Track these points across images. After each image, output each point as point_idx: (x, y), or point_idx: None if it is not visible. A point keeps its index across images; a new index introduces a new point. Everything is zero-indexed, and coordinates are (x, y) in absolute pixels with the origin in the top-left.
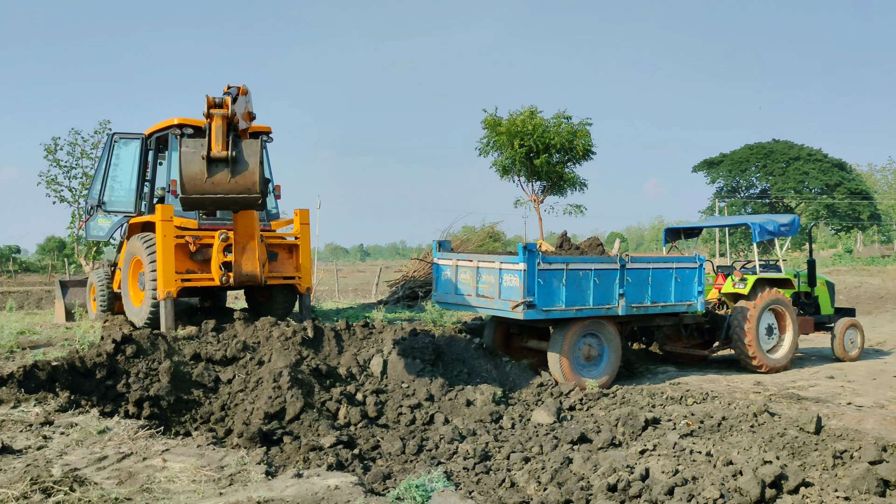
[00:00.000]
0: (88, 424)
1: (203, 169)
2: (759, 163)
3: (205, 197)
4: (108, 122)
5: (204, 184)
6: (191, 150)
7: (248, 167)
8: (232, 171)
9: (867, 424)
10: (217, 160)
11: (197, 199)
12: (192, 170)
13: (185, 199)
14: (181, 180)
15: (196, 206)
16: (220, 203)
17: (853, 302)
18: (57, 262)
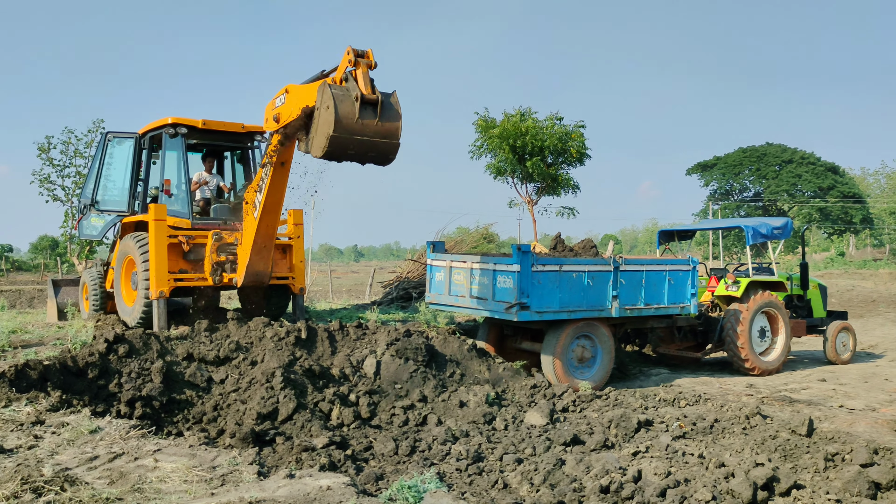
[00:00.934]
0: (80, 424)
1: (355, 110)
2: (753, 166)
3: (353, 138)
4: (101, 121)
5: (354, 124)
6: (342, 92)
7: (394, 114)
8: (379, 115)
9: (859, 427)
10: (367, 103)
11: (346, 139)
12: (345, 109)
13: (336, 138)
14: (336, 118)
15: (344, 146)
16: (364, 146)
17: (845, 305)
18: (49, 261)
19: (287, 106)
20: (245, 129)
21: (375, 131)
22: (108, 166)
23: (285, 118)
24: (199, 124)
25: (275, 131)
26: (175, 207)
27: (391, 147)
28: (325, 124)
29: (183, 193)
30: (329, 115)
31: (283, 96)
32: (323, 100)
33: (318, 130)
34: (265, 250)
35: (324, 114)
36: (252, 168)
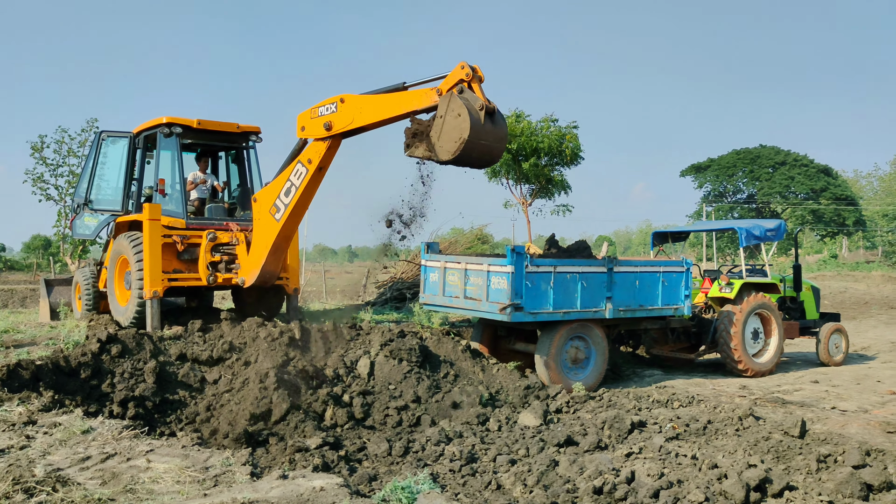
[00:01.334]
0: (72, 424)
1: (481, 117)
2: (746, 168)
3: (479, 142)
4: (95, 120)
5: (481, 130)
6: (471, 101)
7: (503, 121)
8: (494, 122)
9: (851, 429)
10: (489, 111)
11: (474, 144)
12: (475, 116)
13: (469, 142)
14: (470, 124)
15: (471, 150)
16: (484, 150)
17: (838, 307)
18: (42, 260)
19: (344, 114)
20: (240, 129)
21: (494, 136)
22: (101, 165)
23: (341, 126)
24: (194, 124)
25: (323, 138)
26: (169, 207)
27: (501, 150)
28: (457, 129)
29: (177, 193)
30: (462, 121)
31: (335, 105)
32: (451, 108)
33: (446, 136)
34: (281, 251)
35: (453, 120)
36: (247, 168)
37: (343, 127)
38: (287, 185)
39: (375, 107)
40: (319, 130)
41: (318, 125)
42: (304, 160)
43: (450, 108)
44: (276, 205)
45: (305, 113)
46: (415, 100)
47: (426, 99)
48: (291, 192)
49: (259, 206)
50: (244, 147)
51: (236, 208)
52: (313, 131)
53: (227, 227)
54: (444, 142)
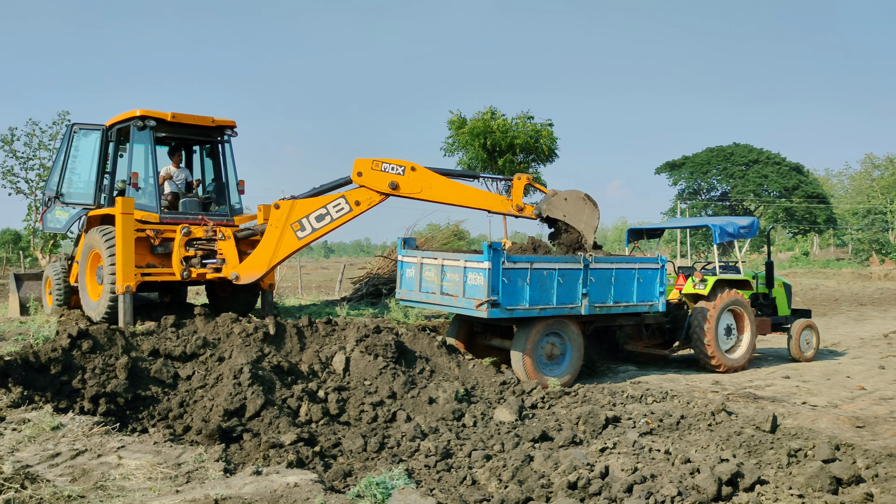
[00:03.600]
0: (42, 421)
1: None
2: (720, 165)
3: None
4: (67, 112)
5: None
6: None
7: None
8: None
9: (821, 424)
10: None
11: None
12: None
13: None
14: (598, 216)
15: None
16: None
17: (809, 304)
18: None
19: (414, 183)
20: (215, 123)
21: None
22: (73, 158)
23: (408, 192)
24: (168, 117)
25: (383, 193)
26: (143, 201)
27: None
28: (594, 219)
29: (151, 187)
30: (596, 213)
31: (403, 169)
32: (589, 205)
33: (589, 225)
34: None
35: (592, 212)
36: (222, 163)
37: (410, 193)
38: (322, 211)
39: (449, 191)
40: (382, 185)
41: (381, 180)
42: (350, 200)
43: (589, 205)
44: (304, 224)
45: (366, 161)
46: (492, 203)
47: (503, 207)
48: (324, 220)
49: (279, 214)
50: (219, 141)
51: (211, 203)
52: (374, 183)
53: (202, 222)
54: (588, 229)
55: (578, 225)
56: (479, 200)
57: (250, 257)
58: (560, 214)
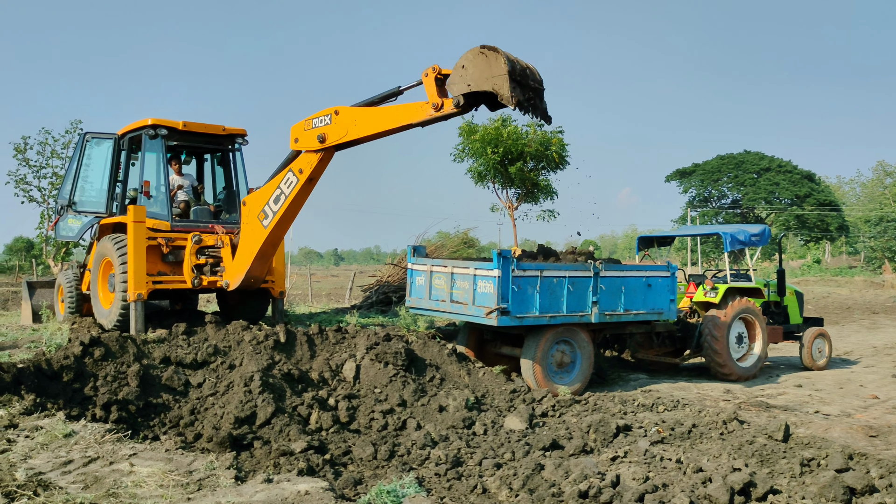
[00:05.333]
0: (54, 428)
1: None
2: (731, 173)
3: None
4: (79, 121)
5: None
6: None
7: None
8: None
9: (834, 433)
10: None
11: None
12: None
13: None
14: (507, 68)
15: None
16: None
17: (821, 312)
18: (24, 262)
19: (339, 127)
20: (226, 132)
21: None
22: (86, 167)
23: (335, 139)
24: (180, 126)
25: (316, 150)
26: (154, 209)
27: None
28: (500, 67)
29: (162, 195)
30: (500, 60)
31: (329, 117)
32: (489, 56)
33: (498, 79)
34: (267, 256)
35: (495, 61)
36: (233, 171)
37: (337, 140)
38: (277, 192)
39: (370, 120)
40: (313, 142)
41: (311, 137)
42: (295, 170)
43: (502, 60)
44: (265, 211)
45: (299, 124)
46: (411, 114)
47: (422, 112)
48: (280, 200)
49: (247, 210)
50: (230, 149)
51: (222, 211)
52: (306, 143)
53: (213, 230)
54: (506, 88)
55: (487, 85)
56: (399, 118)
57: (234, 261)
58: (465, 87)
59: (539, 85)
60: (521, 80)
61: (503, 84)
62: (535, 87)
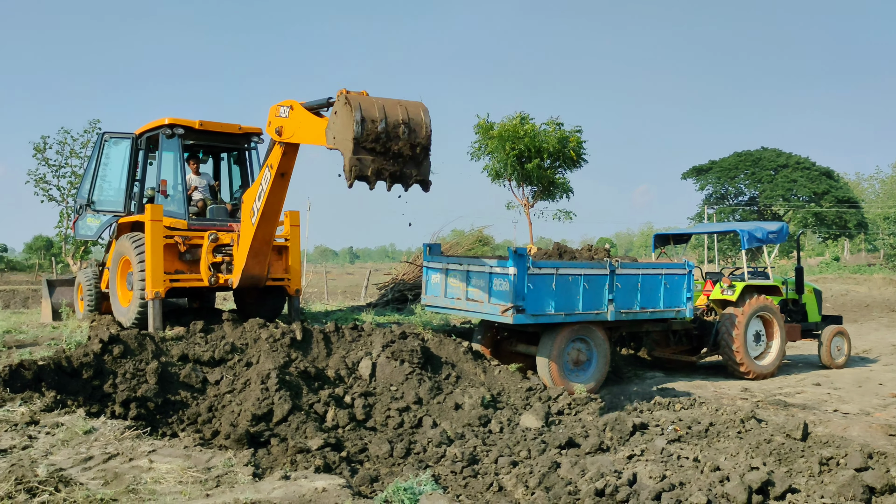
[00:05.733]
0: (74, 424)
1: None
2: (748, 170)
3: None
4: (97, 121)
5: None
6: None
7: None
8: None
9: (853, 431)
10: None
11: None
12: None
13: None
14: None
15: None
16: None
17: (840, 310)
18: (44, 261)
19: (289, 126)
20: (242, 130)
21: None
22: (104, 166)
23: (286, 137)
24: (196, 125)
25: (277, 143)
26: (171, 208)
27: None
28: (348, 129)
29: (179, 194)
30: (349, 117)
31: (287, 110)
32: (344, 108)
33: (342, 140)
34: (261, 255)
35: (346, 119)
36: (249, 169)
37: (287, 138)
38: (259, 188)
39: (307, 129)
40: (272, 134)
41: (273, 126)
42: (267, 164)
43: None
44: (253, 208)
45: (275, 107)
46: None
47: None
48: (261, 197)
49: (244, 207)
50: (246, 148)
51: (238, 209)
52: (270, 130)
53: (230, 228)
54: (344, 148)
55: (340, 146)
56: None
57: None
58: (332, 139)
59: (415, 147)
60: (377, 146)
61: (346, 151)
62: (401, 154)
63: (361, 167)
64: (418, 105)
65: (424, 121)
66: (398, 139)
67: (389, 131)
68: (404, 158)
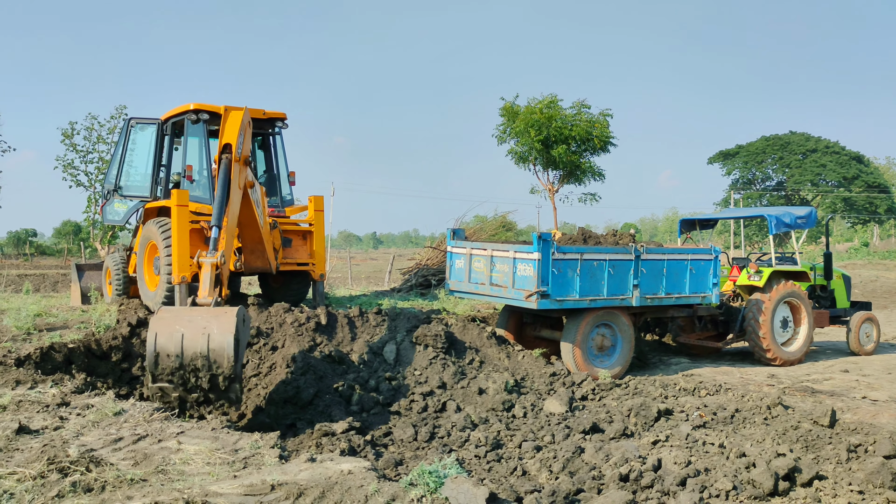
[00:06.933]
0: (104, 406)
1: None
2: (776, 154)
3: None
4: (124, 107)
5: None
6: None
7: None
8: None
9: (882, 419)
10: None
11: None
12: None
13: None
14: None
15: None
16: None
17: (869, 296)
18: (73, 245)
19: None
20: (266, 116)
21: None
22: (130, 152)
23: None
24: (221, 110)
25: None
26: (197, 193)
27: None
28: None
29: (205, 179)
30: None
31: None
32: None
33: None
34: (257, 252)
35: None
36: (273, 155)
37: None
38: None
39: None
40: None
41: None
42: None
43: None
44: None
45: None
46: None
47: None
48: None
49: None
50: (270, 133)
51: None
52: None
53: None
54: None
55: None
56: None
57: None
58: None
59: (215, 378)
60: (174, 379)
61: (147, 369)
62: (200, 386)
63: (163, 395)
64: (228, 324)
65: (227, 353)
66: (197, 373)
67: (186, 365)
68: (206, 389)
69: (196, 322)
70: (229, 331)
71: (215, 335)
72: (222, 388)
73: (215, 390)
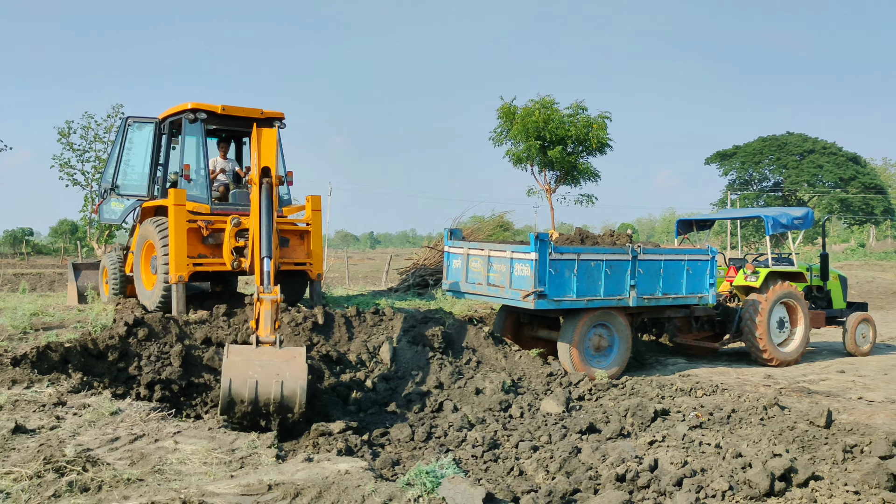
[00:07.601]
0: (101, 406)
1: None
2: (773, 155)
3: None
4: (121, 105)
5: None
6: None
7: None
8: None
9: (878, 419)
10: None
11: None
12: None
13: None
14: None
15: None
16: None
17: (865, 297)
18: (69, 245)
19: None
20: (264, 115)
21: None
22: (128, 151)
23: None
24: (219, 110)
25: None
26: (194, 192)
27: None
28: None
29: (202, 179)
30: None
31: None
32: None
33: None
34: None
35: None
36: None
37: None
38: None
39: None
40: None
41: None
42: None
43: None
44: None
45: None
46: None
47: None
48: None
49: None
50: None
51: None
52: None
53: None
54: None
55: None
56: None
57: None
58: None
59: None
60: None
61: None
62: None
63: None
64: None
65: (299, 398)
66: (269, 417)
67: (258, 409)
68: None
69: (269, 368)
70: (301, 377)
71: (288, 382)
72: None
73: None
